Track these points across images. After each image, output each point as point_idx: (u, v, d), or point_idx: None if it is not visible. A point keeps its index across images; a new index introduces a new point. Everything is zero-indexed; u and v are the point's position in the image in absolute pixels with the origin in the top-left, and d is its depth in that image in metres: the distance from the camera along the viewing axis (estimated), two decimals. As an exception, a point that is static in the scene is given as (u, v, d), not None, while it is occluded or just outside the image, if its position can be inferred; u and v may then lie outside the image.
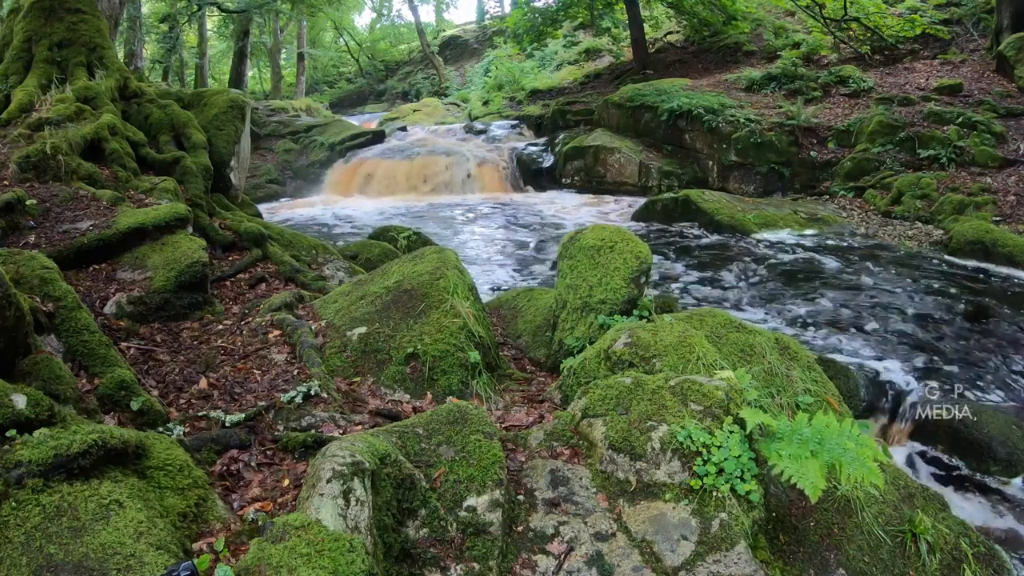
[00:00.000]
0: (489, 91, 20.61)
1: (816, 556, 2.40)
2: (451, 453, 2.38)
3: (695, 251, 7.71)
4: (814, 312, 5.61)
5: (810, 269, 6.81)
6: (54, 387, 2.42)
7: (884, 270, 6.70)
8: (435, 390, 3.24)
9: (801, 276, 6.60)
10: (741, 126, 10.69)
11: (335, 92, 32.04)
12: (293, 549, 1.72)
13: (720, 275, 6.73)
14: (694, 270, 6.95)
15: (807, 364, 3.34)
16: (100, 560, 1.68)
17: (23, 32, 5.74)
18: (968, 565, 2.43)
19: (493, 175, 12.83)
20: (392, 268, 4.05)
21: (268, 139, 14.77)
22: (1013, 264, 6.66)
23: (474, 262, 7.56)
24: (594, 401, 2.66)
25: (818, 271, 6.73)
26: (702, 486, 2.27)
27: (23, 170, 4.46)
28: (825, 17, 12.93)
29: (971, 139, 9.13)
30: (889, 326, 5.26)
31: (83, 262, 3.88)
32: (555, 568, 2.13)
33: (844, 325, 5.31)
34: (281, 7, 22.58)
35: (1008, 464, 3.68)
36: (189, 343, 3.51)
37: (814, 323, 5.38)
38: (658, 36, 18.54)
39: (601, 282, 3.61)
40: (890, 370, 4.50)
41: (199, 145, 5.48)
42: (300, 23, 27.00)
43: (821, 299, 5.90)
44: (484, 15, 32.48)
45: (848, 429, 2.29)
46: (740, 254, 7.45)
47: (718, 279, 6.61)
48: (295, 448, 2.61)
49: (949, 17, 13.05)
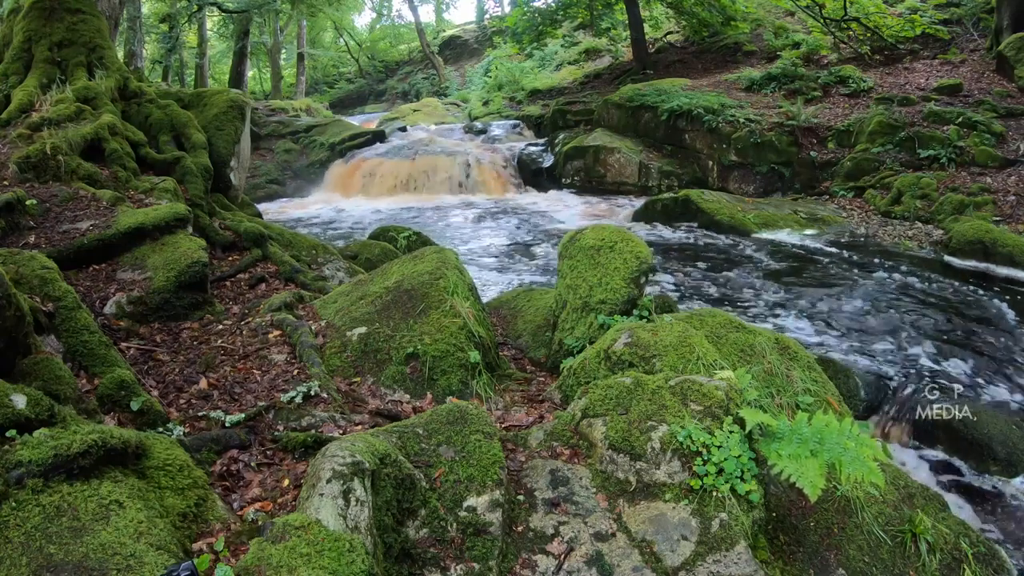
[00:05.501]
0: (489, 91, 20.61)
1: (816, 556, 2.40)
2: (451, 453, 2.38)
3: (695, 251, 7.71)
4: (814, 312, 5.61)
5: (810, 269, 6.81)
6: (54, 387, 2.42)
7: (884, 270, 6.70)
8: (435, 390, 3.24)
9: (801, 276, 6.60)
10: (741, 126, 10.70)
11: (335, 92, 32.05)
12: (293, 549, 1.72)
13: (720, 275, 6.73)
14: (694, 270, 6.95)
15: (807, 364, 3.34)
16: (100, 560, 1.68)
17: (23, 32, 5.74)
18: (968, 565, 2.43)
19: (493, 175, 12.83)
20: (392, 268, 4.05)
21: (268, 139, 14.77)
22: (1013, 264, 6.66)
23: (474, 262, 7.56)
24: (594, 401, 2.66)
25: (818, 271, 6.73)
26: (702, 486, 2.27)
27: (23, 170, 4.46)
28: (825, 17, 12.93)
29: (971, 139, 9.13)
30: (889, 326, 5.26)
31: (83, 262, 3.88)
32: (555, 568, 2.13)
33: (844, 325, 5.31)
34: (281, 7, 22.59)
35: (1008, 464, 3.67)
36: (189, 343, 3.51)
37: (814, 323, 5.38)
38: (658, 36, 18.55)
39: (601, 282, 3.61)
40: (890, 370, 4.50)
41: (199, 145, 5.48)
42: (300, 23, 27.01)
43: (821, 299, 5.90)
44: (484, 15, 32.47)
45: (848, 429, 2.29)
46: (740, 254, 7.46)
47: (718, 279, 6.61)
48: (295, 448, 2.61)
49: (949, 17, 13.05)
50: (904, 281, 6.34)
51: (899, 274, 6.56)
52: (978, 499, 3.59)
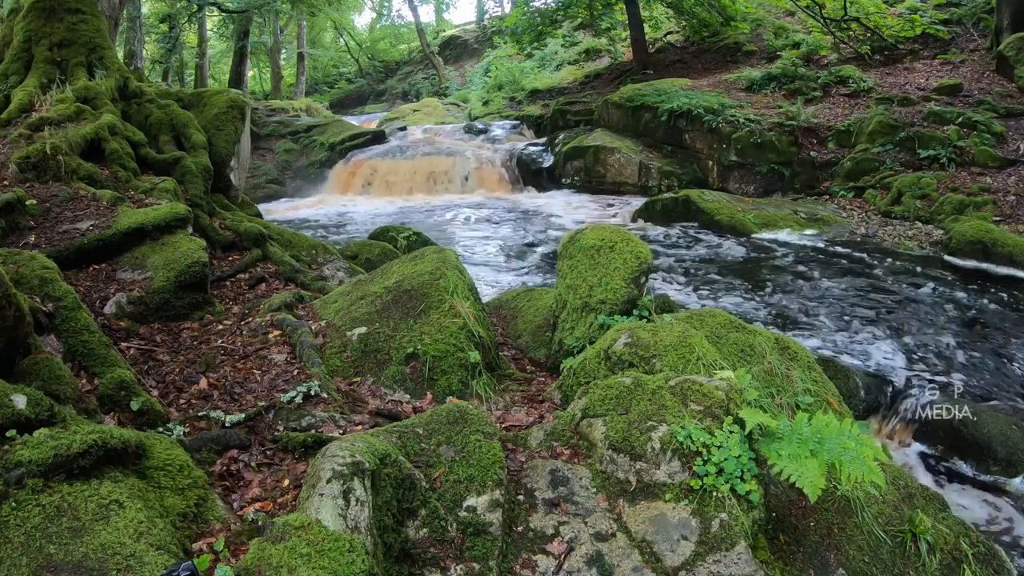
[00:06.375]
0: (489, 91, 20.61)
1: (816, 556, 2.40)
2: (451, 453, 2.38)
3: (695, 251, 7.71)
4: (814, 312, 5.61)
5: (810, 269, 6.81)
6: (54, 387, 2.42)
7: (884, 270, 6.70)
8: (435, 390, 3.24)
9: (801, 276, 6.60)
10: (741, 126, 10.70)
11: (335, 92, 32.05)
12: (293, 549, 1.72)
13: (720, 275, 6.73)
14: (694, 270, 6.95)
15: (807, 364, 3.34)
16: (100, 560, 1.68)
17: (23, 32, 5.74)
18: (968, 565, 2.43)
19: (493, 175, 12.83)
20: (392, 268, 4.05)
21: (268, 139, 14.78)
22: (1013, 264, 6.66)
23: (474, 262, 7.56)
24: (594, 401, 2.66)
25: (818, 271, 6.74)
26: (702, 486, 2.27)
27: (23, 170, 4.46)
28: (825, 17, 12.92)
29: (971, 139, 9.13)
30: (889, 326, 5.26)
31: (83, 262, 3.88)
32: (555, 568, 2.13)
33: (844, 325, 5.31)
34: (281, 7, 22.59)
35: (1008, 464, 3.67)
36: (189, 343, 3.51)
37: (814, 323, 5.38)
38: (658, 36, 18.54)
39: (601, 282, 3.61)
40: (890, 370, 4.50)
41: (199, 145, 5.48)
42: (300, 23, 27.01)
43: (821, 299, 5.90)
44: (484, 15, 32.47)
45: (848, 428, 2.29)
46: (740, 254, 7.46)
47: (718, 279, 6.61)
48: (295, 448, 2.61)
49: (949, 17, 13.04)
50: (904, 281, 6.34)
51: (899, 274, 6.56)
52: (978, 499, 3.60)
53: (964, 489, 3.68)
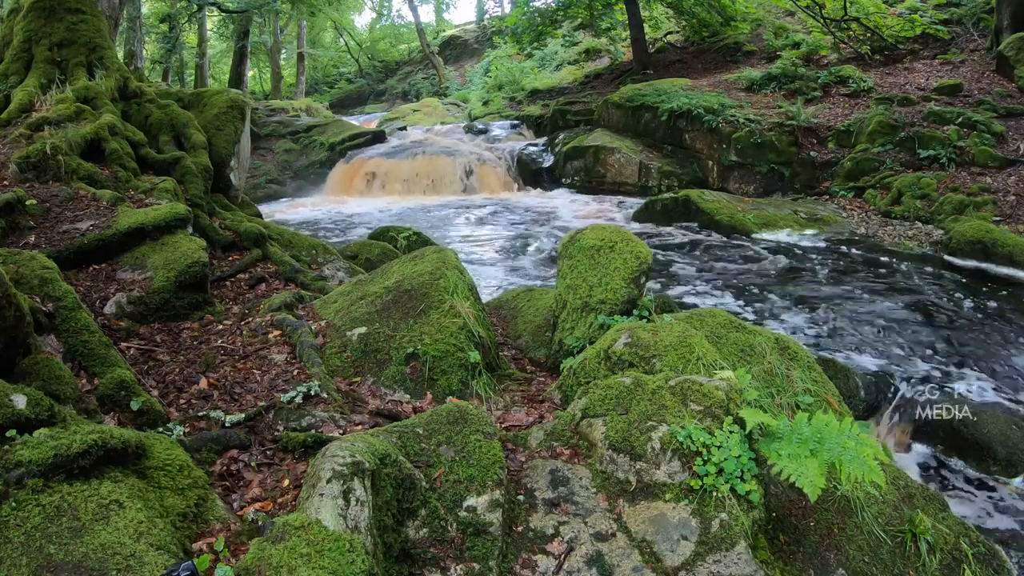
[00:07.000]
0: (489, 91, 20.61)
1: (816, 556, 2.40)
2: (451, 453, 2.38)
3: (695, 251, 7.71)
4: (814, 312, 5.61)
5: (810, 269, 6.81)
6: (54, 387, 2.42)
7: (884, 270, 6.70)
8: (435, 390, 3.24)
9: (801, 276, 6.60)
10: (741, 126, 10.69)
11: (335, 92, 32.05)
12: (293, 549, 1.72)
13: (720, 275, 6.73)
14: (694, 270, 6.95)
15: (807, 364, 3.34)
16: (100, 560, 1.68)
17: (23, 32, 5.74)
18: (968, 565, 2.43)
19: (493, 175, 12.83)
20: (392, 268, 4.05)
21: (268, 139, 14.78)
22: (1013, 264, 6.66)
23: (474, 262, 7.56)
24: (594, 401, 2.66)
25: (818, 271, 6.74)
26: (702, 486, 2.27)
27: (23, 170, 4.46)
28: (825, 17, 12.92)
29: (971, 139, 9.13)
30: (889, 326, 5.26)
31: (83, 262, 3.88)
32: (555, 568, 2.13)
33: (844, 325, 5.31)
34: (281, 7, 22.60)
35: (1008, 464, 3.68)
36: (189, 343, 3.51)
37: (814, 323, 5.38)
38: (658, 36, 18.54)
39: (601, 282, 3.61)
40: (890, 370, 4.50)
41: (199, 145, 5.48)
42: (300, 23, 27.01)
43: (821, 299, 5.90)
44: (484, 15, 32.47)
45: (848, 428, 2.29)
46: (740, 254, 7.46)
47: (718, 279, 6.61)
48: (295, 448, 2.61)
49: (949, 17, 13.04)
50: (904, 281, 6.34)
51: (899, 274, 6.56)
52: (978, 499, 3.60)
53: (964, 489, 3.68)
